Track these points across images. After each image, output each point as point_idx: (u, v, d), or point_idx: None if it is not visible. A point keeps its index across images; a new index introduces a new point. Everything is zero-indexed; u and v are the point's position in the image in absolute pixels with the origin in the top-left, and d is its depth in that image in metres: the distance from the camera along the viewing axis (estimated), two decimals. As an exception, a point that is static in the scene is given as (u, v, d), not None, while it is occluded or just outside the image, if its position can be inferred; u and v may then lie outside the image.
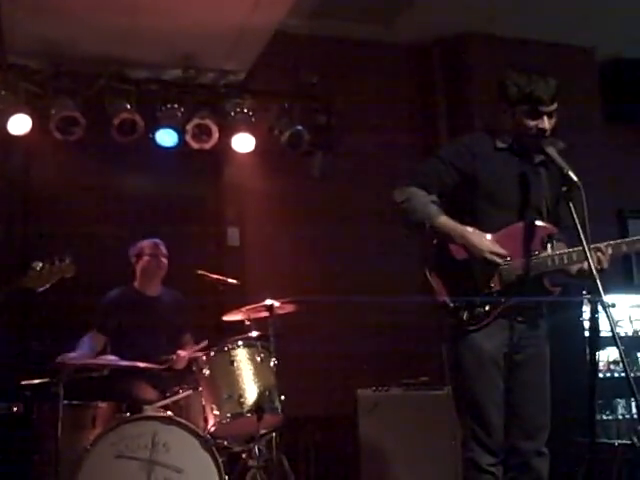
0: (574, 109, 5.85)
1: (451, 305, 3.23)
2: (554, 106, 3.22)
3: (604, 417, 5.34)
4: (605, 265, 3.09)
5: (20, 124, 5.65)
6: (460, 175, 3.28)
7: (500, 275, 3.18)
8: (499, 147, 3.32)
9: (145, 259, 5.20)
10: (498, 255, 3.15)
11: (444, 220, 3.21)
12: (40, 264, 3.90)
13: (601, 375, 5.37)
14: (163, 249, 5.25)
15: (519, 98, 3.20)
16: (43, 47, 5.63)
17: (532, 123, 3.20)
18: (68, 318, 5.59)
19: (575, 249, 3.11)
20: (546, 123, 3.20)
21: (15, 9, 5.27)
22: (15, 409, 4.74)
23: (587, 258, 2.90)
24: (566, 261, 3.15)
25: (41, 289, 3.92)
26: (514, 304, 3.18)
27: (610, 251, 3.13)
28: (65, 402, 4.25)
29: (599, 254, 3.07)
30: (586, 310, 5.09)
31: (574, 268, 3.21)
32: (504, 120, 3.30)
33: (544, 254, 3.18)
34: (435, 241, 3.33)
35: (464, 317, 3.19)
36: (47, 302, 5.50)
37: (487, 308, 3.17)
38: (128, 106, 5.86)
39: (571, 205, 2.97)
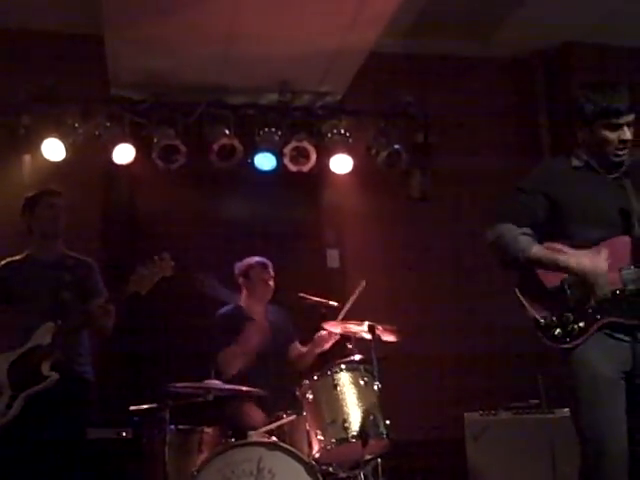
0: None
1: (542, 322, 3.12)
2: (632, 115, 3.17)
3: None
4: None
5: (124, 154, 5.82)
6: (547, 200, 3.24)
7: (594, 290, 3.04)
8: (575, 166, 3.28)
9: (253, 283, 5.14)
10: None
11: (537, 250, 3.15)
12: (142, 268, 3.98)
13: None
14: (271, 271, 5.17)
15: (596, 114, 3.16)
16: (144, 78, 5.81)
17: (613, 136, 3.16)
18: (173, 342, 5.71)
19: None
20: (627, 133, 3.17)
21: (118, 43, 5.46)
22: (124, 434, 4.85)
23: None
24: None
25: (145, 291, 4.00)
26: (615, 320, 3.03)
27: None
28: (172, 427, 4.31)
29: None
30: None
31: None
32: (581, 138, 3.27)
33: None
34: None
35: (556, 334, 3.08)
36: (154, 327, 5.66)
37: (582, 325, 3.04)
38: (227, 131, 5.95)
39: None
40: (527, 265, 3.17)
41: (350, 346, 4.78)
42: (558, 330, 3.07)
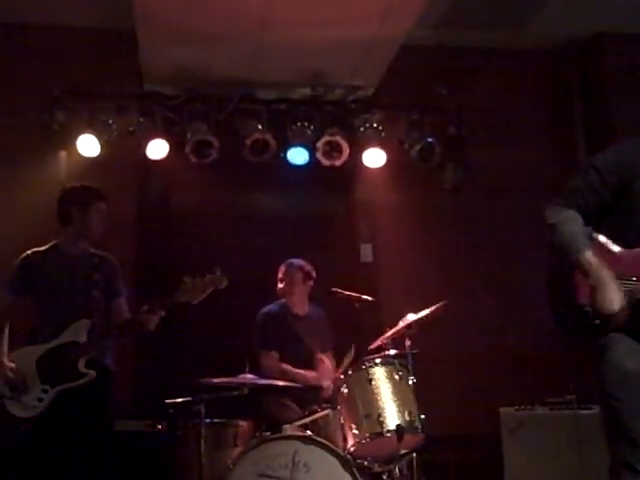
0: None
1: (559, 309, 3.05)
2: None
3: None
4: None
5: (158, 149, 5.85)
6: (619, 184, 3.00)
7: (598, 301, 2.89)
8: None
9: (289, 286, 5.17)
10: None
11: (589, 258, 2.92)
12: (191, 278, 3.99)
13: None
14: (312, 272, 5.19)
15: None
16: (177, 73, 5.83)
17: None
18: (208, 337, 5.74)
19: None
20: None
21: (150, 37, 5.47)
22: (159, 427, 4.88)
23: None
24: None
25: (196, 301, 4.01)
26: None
27: None
28: (207, 420, 4.33)
29: None
30: None
31: None
32: None
33: None
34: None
35: (569, 325, 3.01)
36: (188, 322, 5.68)
37: (596, 322, 2.92)
38: (259, 126, 5.96)
39: None
40: (574, 264, 2.96)
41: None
42: (571, 322, 3.01)
